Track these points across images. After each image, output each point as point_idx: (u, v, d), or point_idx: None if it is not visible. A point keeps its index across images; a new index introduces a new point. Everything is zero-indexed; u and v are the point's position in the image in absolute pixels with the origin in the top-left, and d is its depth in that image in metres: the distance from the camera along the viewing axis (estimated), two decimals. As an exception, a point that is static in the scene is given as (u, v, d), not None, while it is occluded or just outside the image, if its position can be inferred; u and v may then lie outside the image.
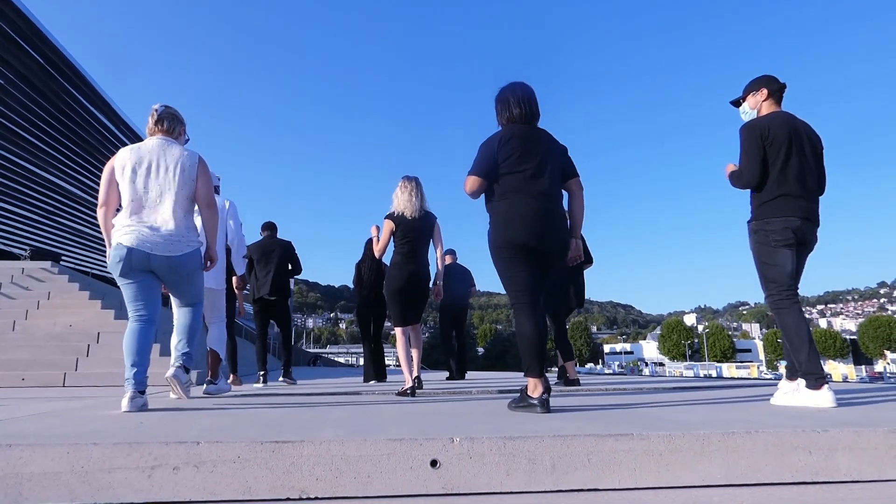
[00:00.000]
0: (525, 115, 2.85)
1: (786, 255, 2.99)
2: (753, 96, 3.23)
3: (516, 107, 2.84)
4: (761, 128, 3.05)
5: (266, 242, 6.51)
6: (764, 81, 3.22)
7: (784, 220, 2.97)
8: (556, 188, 2.81)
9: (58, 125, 14.54)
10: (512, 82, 2.94)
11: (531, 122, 2.88)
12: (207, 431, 1.84)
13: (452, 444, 1.60)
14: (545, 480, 1.59)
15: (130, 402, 2.74)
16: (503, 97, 2.91)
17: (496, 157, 2.75)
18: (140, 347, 2.86)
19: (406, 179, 4.42)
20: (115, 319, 7.55)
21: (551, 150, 2.82)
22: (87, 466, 1.52)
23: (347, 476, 1.54)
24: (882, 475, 1.69)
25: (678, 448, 1.65)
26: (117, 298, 9.88)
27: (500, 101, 2.91)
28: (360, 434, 1.72)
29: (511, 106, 2.86)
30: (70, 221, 17.70)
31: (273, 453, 1.56)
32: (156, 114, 3.09)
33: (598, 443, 1.63)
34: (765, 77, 3.24)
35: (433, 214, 4.47)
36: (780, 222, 2.97)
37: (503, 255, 2.72)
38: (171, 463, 1.53)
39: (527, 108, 2.86)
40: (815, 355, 2.88)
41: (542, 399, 2.48)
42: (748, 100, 3.27)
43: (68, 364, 6.33)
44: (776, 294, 3.01)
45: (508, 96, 2.88)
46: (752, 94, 3.24)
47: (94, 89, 15.44)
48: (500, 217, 2.73)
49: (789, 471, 1.66)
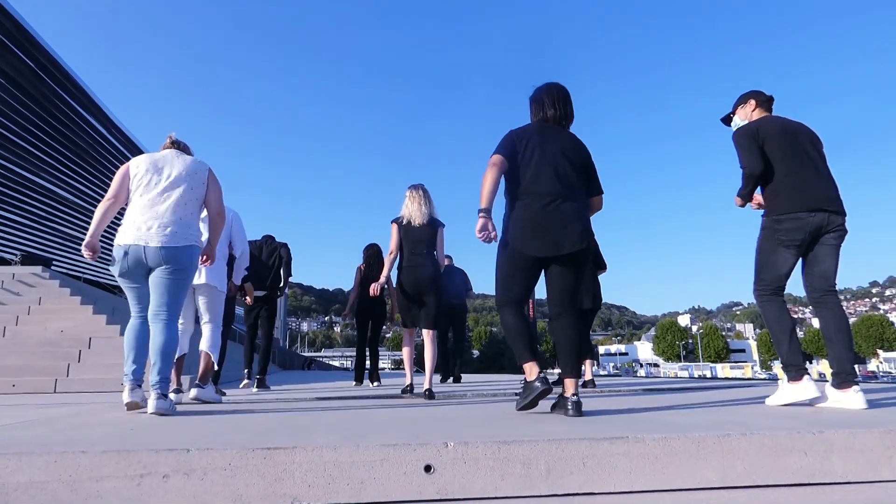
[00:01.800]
0: (559, 117, 2.85)
1: (785, 256, 3.02)
2: (743, 108, 3.33)
3: (550, 108, 2.86)
4: (751, 129, 3.13)
5: (263, 242, 6.64)
6: (752, 94, 3.32)
7: (795, 220, 2.97)
8: (576, 192, 2.75)
9: (49, 129, 14.45)
10: (548, 83, 2.95)
11: (564, 124, 2.88)
12: (198, 438, 1.82)
13: (446, 449, 1.59)
14: (540, 485, 1.57)
15: (131, 393, 2.84)
16: (538, 97, 2.92)
17: (516, 148, 2.75)
18: (138, 344, 2.96)
19: (413, 189, 4.52)
20: (107, 325, 7.48)
21: (578, 154, 2.81)
22: (75, 475, 1.49)
23: (340, 482, 1.52)
24: (877, 476, 1.69)
25: (673, 451, 1.64)
26: (109, 304, 9.81)
27: (535, 101, 2.93)
28: (352, 439, 1.70)
29: (546, 107, 2.87)
30: (61, 226, 17.57)
31: (264, 460, 1.53)
32: (172, 136, 3.34)
33: (592, 446, 1.62)
34: (752, 91, 3.34)
35: (439, 221, 4.53)
36: (791, 222, 2.98)
37: (509, 257, 2.71)
38: (161, 471, 1.51)
39: (561, 110, 2.86)
40: (795, 347, 2.95)
41: (541, 378, 2.54)
42: (738, 112, 3.36)
43: (59, 370, 6.26)
44: (762, 289, 3.08)
45: (544, 97, 2.90)
46: (741, 107, 3.34)
47: (85, 93, 15.36)
48: (516, 222, 2.69)
49: (785, 473, 1.65)
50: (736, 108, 3.37)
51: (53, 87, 13.77)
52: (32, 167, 14.70)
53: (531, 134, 2.78)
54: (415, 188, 4.50)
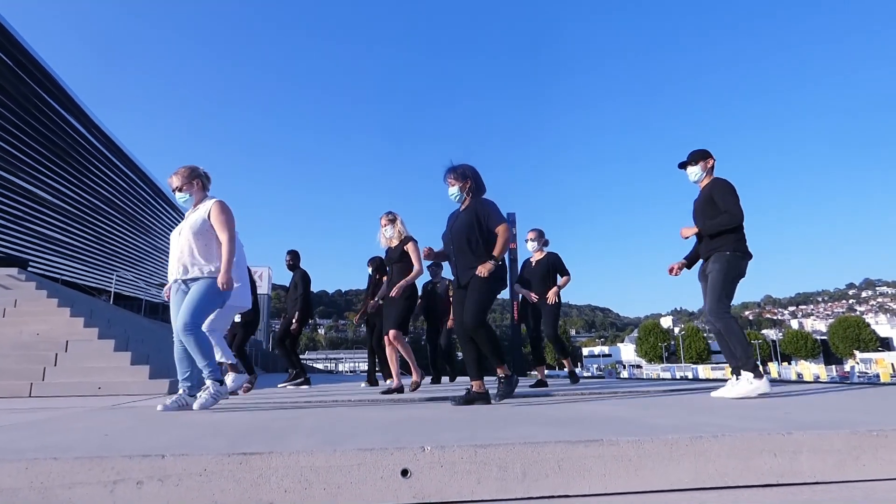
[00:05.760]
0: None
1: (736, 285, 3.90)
2: (704, 162, 4.10)
3: (482, 182, 3.92)
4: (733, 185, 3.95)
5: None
6: (709, 153, 4.11)
7: (747, 258, 3.88)
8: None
9: (27, 128, 14.20)
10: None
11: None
12: (174, 443, 1.81)
13: (423, 453, 1.59)
14: (516, 488, 1.59)
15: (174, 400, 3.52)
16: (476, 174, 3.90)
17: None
18: (179, 356, 3.59)
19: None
20: (85, 328, 7.37)
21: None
22: (47, 482, 1.48)
23: (316, 487, 1.53)
24: (844, 476, 1.73)
25: (647, 453, 1.67)
26: (87, 306, 9.66)
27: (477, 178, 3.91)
28: (331, 443, 1.70)
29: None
30: (38, 226, 17.27)
31: (240, 465, 1.53)
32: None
33: (568, 449, 1.64)
34: (706, 150, 4.12)
35: (403, 239, 5.20)
36: (747, 259, 3.88)
37: (498, 290, 3.65)
38: (135, 477, 1.50)
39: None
40: (752, 351, 3.81)
41: (509, 373, 3.67)
42: (700, 164, 4.10)
43: (35, 374, 6.15)
44: (727, 308, 3.86)
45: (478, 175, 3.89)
46: (702, 160, 4.10)
47: (65, 93, 15.14)
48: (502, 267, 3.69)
49: (755, 473, 1.69)
50: (698, 160, 4.10)
51: (33, 86, 13.55)
52: (9, 166, 14.42)
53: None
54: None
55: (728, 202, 3.84)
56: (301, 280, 7.18)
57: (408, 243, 5.14)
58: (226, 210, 3.70)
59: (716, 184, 3.96)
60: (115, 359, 6.56)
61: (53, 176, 16.58)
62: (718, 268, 3.81)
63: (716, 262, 3.84)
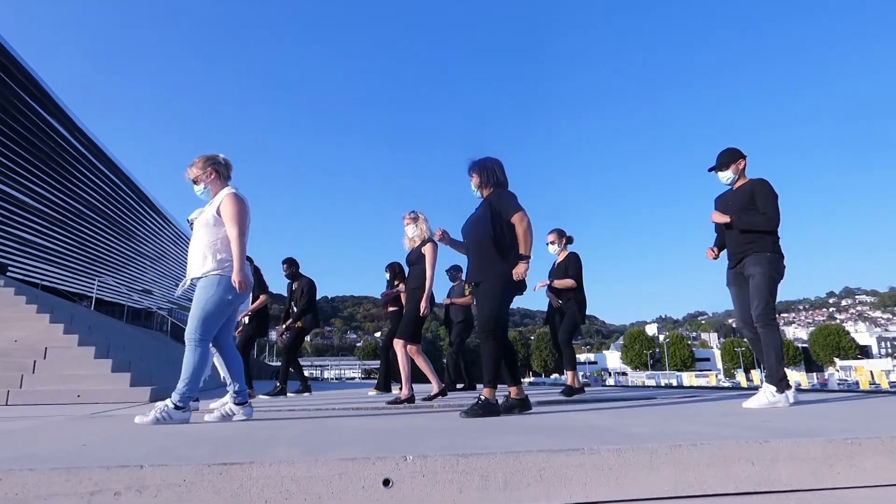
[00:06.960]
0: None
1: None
2: (736, 165, 3.91)
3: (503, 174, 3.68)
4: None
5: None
6: (740, 153, 3.92)
7: (783, 259, 3.75)
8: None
9: (8, 131, 13.98)
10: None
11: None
12: (153, 454, 1.79)
13: (405, 463, 1.59)
14: (498, 497, 1.59)
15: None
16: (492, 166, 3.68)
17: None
18: (217, 362, 3.64)
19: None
20: (65, 334, 7.24)
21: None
22: (22, 494, 1.45)
23: (297, 498, 1.52)
24: (821, 484, 1.75)
25: (627, 462, 1.68)
26: (67, 312, 9.50)
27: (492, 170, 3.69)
28: (312, 453, 1.70)
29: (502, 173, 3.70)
30: (18, 230, 16.98)
31: (220, 475, 1.52)
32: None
33: (549, 458, 1.65)
34: (738, 149, 3.94)
35: (423, 241, 4.95)
36: (784, 261, 3.75)
37: (510, 293, 3.39)
38: (112, 488, 1.48)
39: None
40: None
41: (493, 400, 3.27)
42: (731, 167, 3.92)
43: (12, 381, 6.02)
44: (773, 313, 3.66)
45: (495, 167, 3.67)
46: (734, 163, 3.92)
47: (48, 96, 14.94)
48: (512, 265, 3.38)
49: (733, 481, 1.71)
50: (729, 163, 3.92)
51: (15, 88, 13.36)
52: (-11, 170, 14.20)
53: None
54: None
55: (769, 206, 3.74)
56: (308, 287, 7.35)
57: (426, 245, 4.86)
58: (237, 202, 3.35)
59: (760, 185, 3.82)
60: (96, 366, 6.46)
61: (34, 179, 16.34)
62: (762, 270, 3.66)
63: (757, 265, 3.69)
